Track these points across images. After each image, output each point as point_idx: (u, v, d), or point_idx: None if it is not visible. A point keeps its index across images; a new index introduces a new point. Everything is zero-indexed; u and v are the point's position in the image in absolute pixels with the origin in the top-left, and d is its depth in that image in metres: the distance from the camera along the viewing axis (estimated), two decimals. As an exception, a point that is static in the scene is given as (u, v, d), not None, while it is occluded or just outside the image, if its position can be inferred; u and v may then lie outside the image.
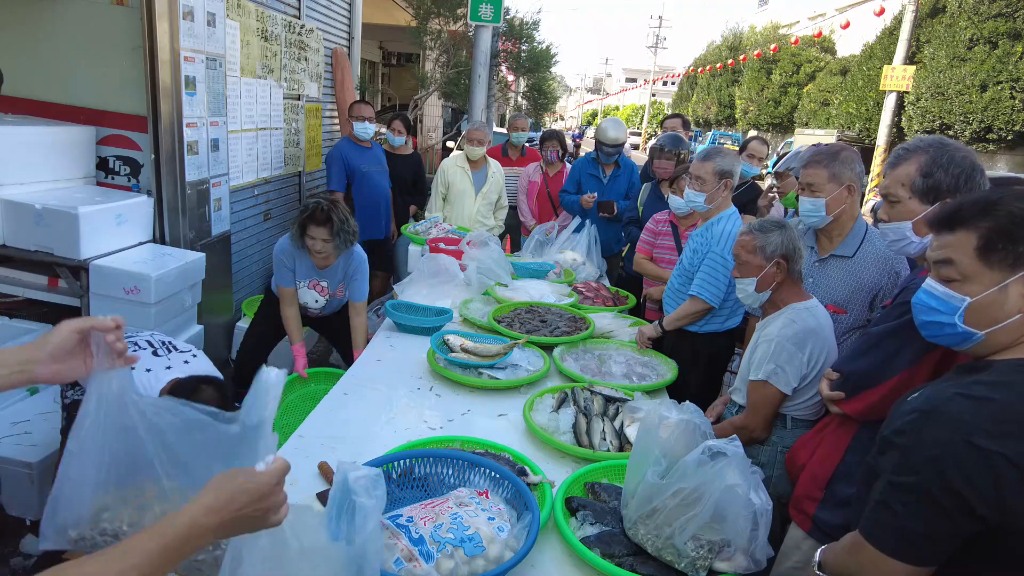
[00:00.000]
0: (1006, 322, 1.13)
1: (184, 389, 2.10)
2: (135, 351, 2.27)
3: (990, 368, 1.14)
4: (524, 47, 9.47)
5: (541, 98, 11.52)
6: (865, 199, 12.59)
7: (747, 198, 4.00)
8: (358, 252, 3.24)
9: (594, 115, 63.55)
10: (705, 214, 2.92)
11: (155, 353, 2.31)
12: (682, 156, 3.92)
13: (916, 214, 1.69)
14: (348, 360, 3.57)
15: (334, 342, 3.80)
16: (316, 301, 3.28)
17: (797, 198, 2.32)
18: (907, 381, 1.59)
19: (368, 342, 2.99)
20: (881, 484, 1.14)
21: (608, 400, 2.21)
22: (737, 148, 4.57)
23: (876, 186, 13.10)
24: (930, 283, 1.24)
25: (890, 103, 16.41)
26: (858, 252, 2.18)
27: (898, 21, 17.21)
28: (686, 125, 5.06)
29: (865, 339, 1.76)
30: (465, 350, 2.53)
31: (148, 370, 2.21)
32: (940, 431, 1.06)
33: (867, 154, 15.50)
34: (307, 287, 3.23)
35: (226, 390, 2.21)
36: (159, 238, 3.44)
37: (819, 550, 1.35)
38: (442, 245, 3.99)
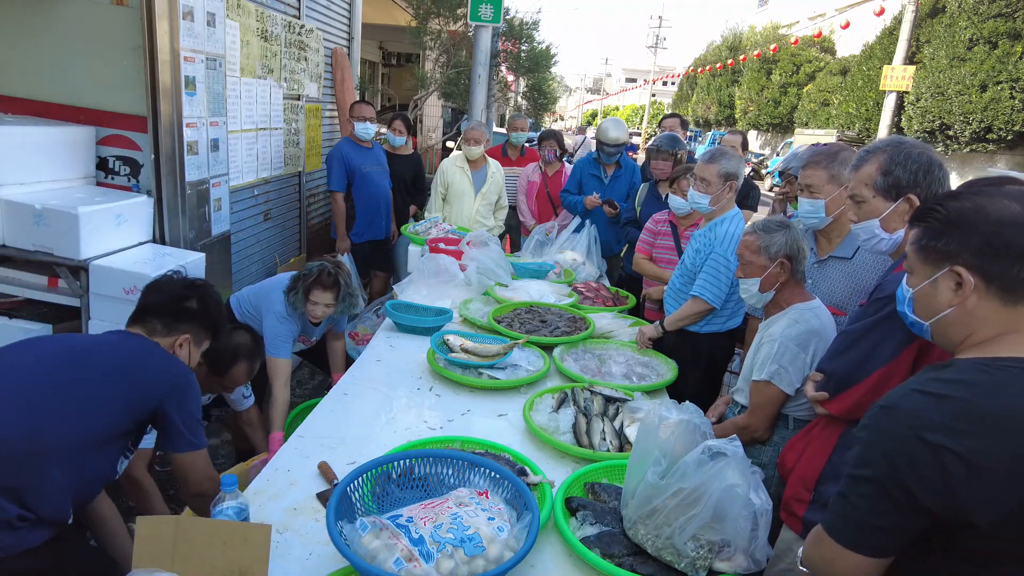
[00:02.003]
0: (941, 315, 1.19)
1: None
2: None
3: (951, 366, 1.16)
4: (524, 47, 9.47)
5: (541, 98, 11.52)
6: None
7: (741, 193, 4.00)
8: None
9: (594, 115, 63.53)
10: (708, 214, 2.92)
11: None
12: (679, 156, 3.93)
13: (881, 212, 1.75)
14: (325, 371, 3.52)
15: (319, 366, 3.71)
16: (298, 347, 3.19)
17: (796, 197, 2.32)
18: (887, 377, 1.61)
19: (348, 363, 2.93)
20: (843, 478, 1.17)
21: (608, 400, 2.21)
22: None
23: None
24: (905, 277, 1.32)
25: (890, 103, 16.43)
26: (857, 253, 2.18)
27: (898, 21, 17.22)
28: (684, 125, 5.06)
29: (844, 337, 1.77)
30: (465, 350, 2.53)
31: None
32: (894, 426, 1.08)
33: (867, 154, 15.45)
34: (297, 340, 3.10)
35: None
36: (159, 238, 3.44)
37: (801, 547, 1.36)
38: (442, 245, 3.99)
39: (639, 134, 40.82)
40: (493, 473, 1.56)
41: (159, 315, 1.88)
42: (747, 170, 4.34)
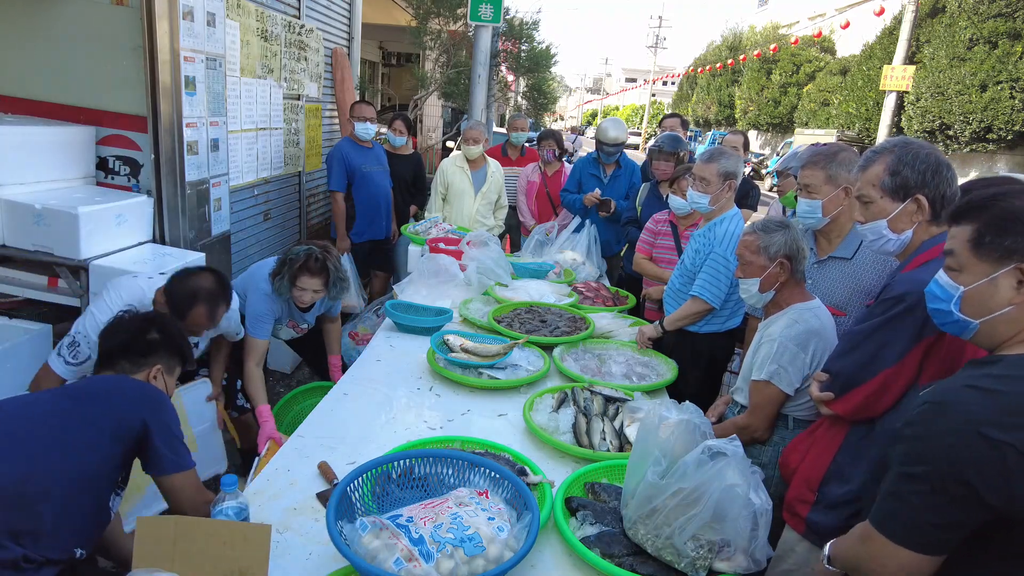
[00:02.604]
0: (997, 313, 1.18)
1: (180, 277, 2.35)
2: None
3: (1000, 361, 1.16)
4: (524, 47, 9.47)
5: (541, 98, 11.53)
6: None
7: (740, 192, 4.00)
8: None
9: (594, 115, 63.57)
10: (708, 214, 2.92)
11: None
12: (681, 156, 3.92)
13: (889, 212, 1.73)
14: (321, 375, 3.45)
15: (308, 360, 3.64)
16: (289, 335, 3.16)
17: (796, 198, 2.32)
18: (894, 377, 1.61)
19: (361, 344, 2.89)
20: (891, 475, 1.16)
21: (608, 400, 2.21)
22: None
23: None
24: (940, 272, 1.29)
25: (890, 103, 16.43)
26: (857, 254, 2.17)
27: (898, 21, 17.22)
28: (684, 125, 5.06)
29: (850, 337, 1.77)
30: (465, 350, 2.53)
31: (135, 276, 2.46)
32: (950, 421, 1.08)
33: (867, 154, 15.46)
34: (286, 326, 3.06)
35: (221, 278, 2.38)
36: (159, 238, 3.44)
37: (828, 544, 1.35)
38: (442, 245, 3.99)
39: (639, 134, 40.87)
40: (493, 473, 1.56)
41: (125, 355, 1.89)
42: (747, 170, 4.35)
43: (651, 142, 4.31)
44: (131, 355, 1.89)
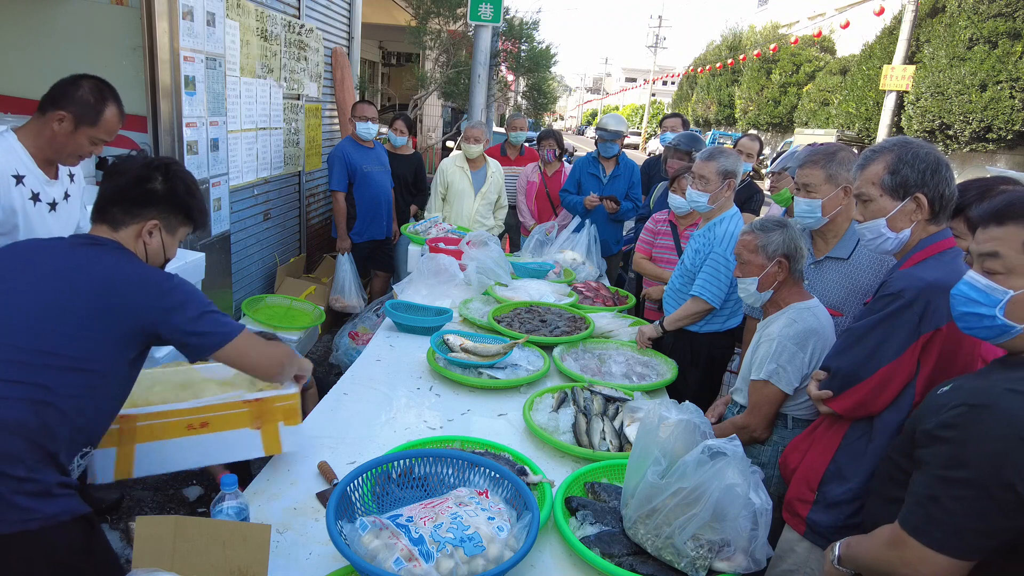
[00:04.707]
0: None
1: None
2: None
3: None
4: (524, 47, 9.46)
5: (541, 98, 11.50)
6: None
7: (745, 196, 4.00)
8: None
9: (594, 115, 63.58)
10: (707, 214, 2.92)
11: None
12: (694, 155, 3.92)
13: (888, 211, 1.73)
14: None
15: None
16: None
17: (793, 197, 2.32)
18: (892, 374, 1.61)
19: (361, 344, 2.76)
20: (926, 479, 1.14)
21: (608, 400, 2.21)
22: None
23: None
24: (972, 275, 1.25)
25: (890, 103, 16.43)
26: (854, 254, 2.17)
27: (898, 21, 17.22)
28: (685, 125, 5.06)
29: (848, 334, 1.77)
30: (465, 350, 2.53)
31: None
32: (994, 426, 1.07)
33: (867, 154, 15.47)
34: None
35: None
36: (159, 238, 3.44)
37: (838, 544, 1.35)
38: (442, 245, 3.99)
39: (639, 134, 40.86)
40: (493, 473, 1.56)
41: (119, 202, 1.64)
42: (748, 169, 4.35)
43: (650, 142, 4.31)
44: (125, 203, 1.64)
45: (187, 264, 3.24)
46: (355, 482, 1.49)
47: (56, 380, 1.43)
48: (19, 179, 2.06)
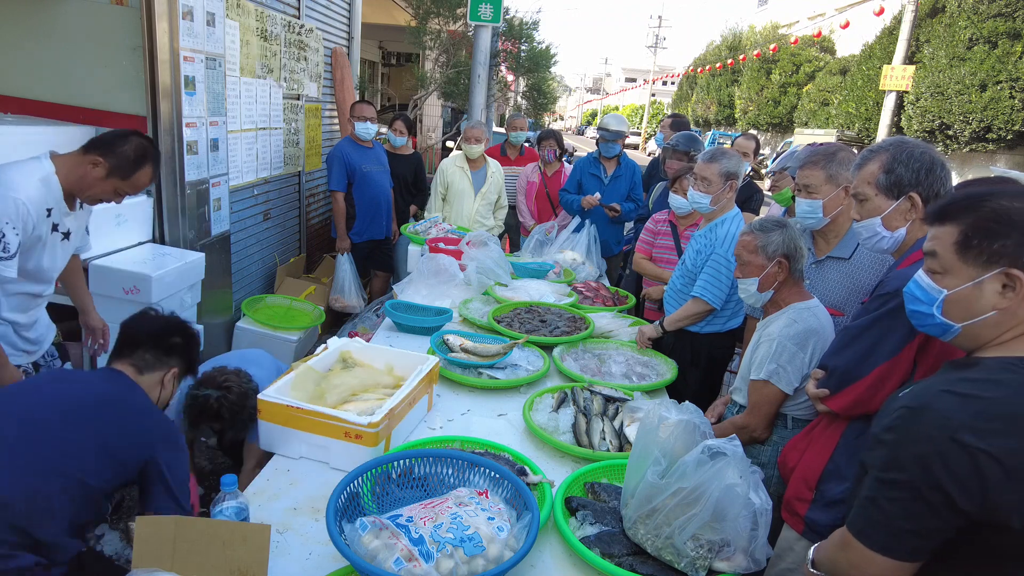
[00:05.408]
0: (980, 318, 1.15)
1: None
2: None
3: (977, 365, 1.15)
4: (524, 47, 9.46)
5: (540, 98, 11.51)
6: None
7: (744, 196, 4.00)
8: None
9: (594, 115, 63.60)
10: (709, 215, 2.91)
11: None
12: (692, 156, 3.92)
13: (884, 210, 1.75)
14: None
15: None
16: None
17: (793, 197, 2.32)
18: (888, 372, 1.62)
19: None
20: (869, 481, 1.15)
21: (608, 400, 2.21)
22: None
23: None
24: (919, 274, 1.26)
25: (890, 103, 16.42)
26: (855, 254, 2.18)
27: (898, 21, 17.22)
28: (682, 126, 5.05)
29: (845, 334, 1.78)
30: (465, 350, 2.53)
31: None
32: (926, 428, 1.06)
33: (867, 154, 15.46)
34: None
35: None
36: (159, 238, 3.44)
37: (812, 548, 1.35)
38: (442, 245, 3.99)
39: (639, 134, 40.86)
40: (493, 473, 1.56)
41: (151, 348, 1.89)
42: (747, 169, 4.35)
43: (650, 141, 4.32)
44: (155, 350, 1.91)
45: (187, 264, 3.25)
46: (355, 482, 1.49)
47: None
48: (49, 211, 2.17)
